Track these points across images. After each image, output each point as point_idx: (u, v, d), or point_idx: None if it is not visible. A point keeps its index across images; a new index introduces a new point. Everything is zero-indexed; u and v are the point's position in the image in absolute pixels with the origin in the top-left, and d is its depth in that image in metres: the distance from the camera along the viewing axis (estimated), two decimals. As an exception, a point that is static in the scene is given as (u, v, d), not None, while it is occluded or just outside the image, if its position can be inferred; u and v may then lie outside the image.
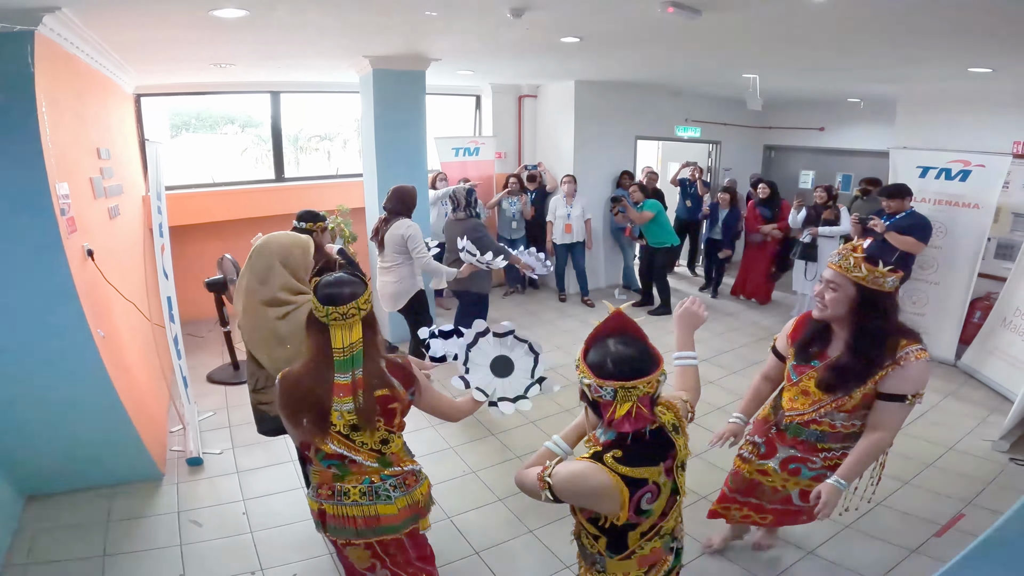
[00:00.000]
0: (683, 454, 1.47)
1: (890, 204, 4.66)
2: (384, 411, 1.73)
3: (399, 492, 1.79)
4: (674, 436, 1.45)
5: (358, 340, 1.68)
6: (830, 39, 3.49)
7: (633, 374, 1.30)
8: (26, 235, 2.57)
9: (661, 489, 1.41)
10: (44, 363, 2.72)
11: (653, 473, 1.38)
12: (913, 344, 1.88)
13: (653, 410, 1.36)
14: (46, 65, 2.61)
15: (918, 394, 1.88)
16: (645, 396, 1.31)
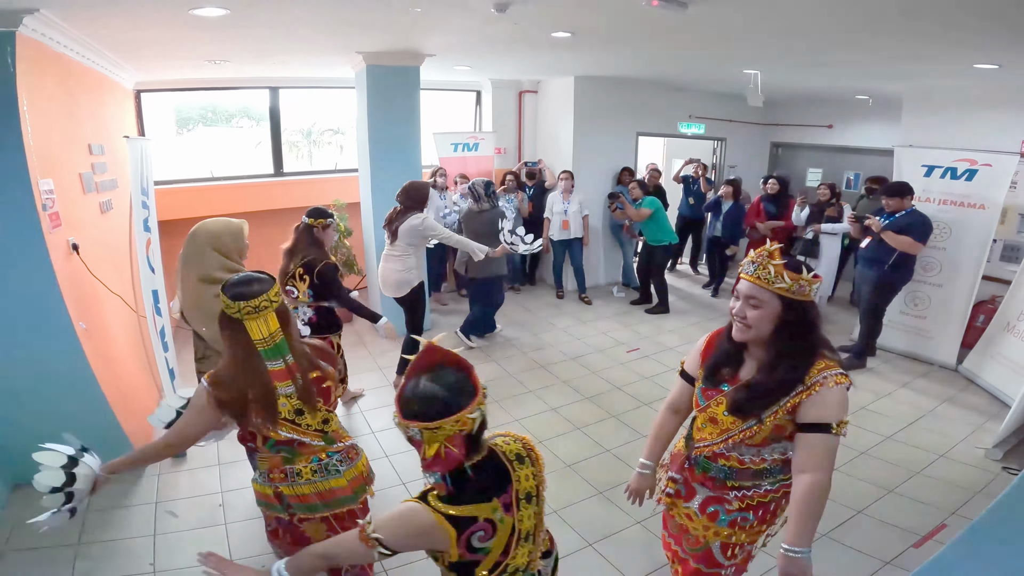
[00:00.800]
0: (526, 485, 1.42)
1: (889, 203, 4.57)
2: (320, 391, 1.87)
3: (346, 466, 1.93)
4: (516, 467, 1.41)
5: (277, 330, 1.77)
6: (822, 32, 3.41)
7: (438, 414, 1.25)
8: (7, 230, 2.63)
9: (497, 526, 1.35)
10: (25, 355, 2.79)
11: (484, 510, 1.33)
12: (831, 367, 1.62)
13: (471, 448, 1.31)
14: (30, 64, 2.67)
15: (843, 422, 1.58)
16: (456, 435, 1.26)
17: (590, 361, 4.98)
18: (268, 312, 1.75)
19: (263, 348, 1.76)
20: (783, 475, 1.77)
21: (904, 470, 3.43)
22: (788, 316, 1.64)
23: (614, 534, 2.89)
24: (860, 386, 4.57)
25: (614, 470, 3.41)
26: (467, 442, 1.30)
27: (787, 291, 1.62)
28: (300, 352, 1.84)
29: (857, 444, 3.70)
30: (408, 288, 4.14)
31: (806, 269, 1.65)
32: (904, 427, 3.96)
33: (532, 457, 1.48)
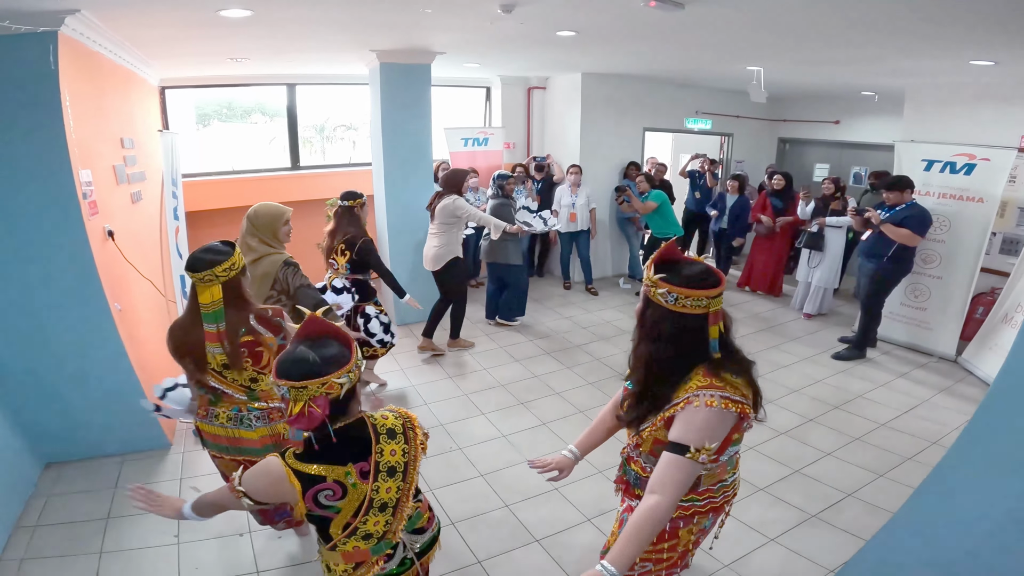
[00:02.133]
0: (390, 459, 1.51)
1: (889, 196, 4.68)
2: (251, 354, 2.13)
3: (261, 423, 2.20)
4: (384, 441, 1.51)
5: (219, 299, 2.02)
6: (818, 31, 3.53)
7: (304, 376, 1.36)
8: (51, 216, 2.86)
9: (348, 489, 1.46)
10: (64, 333, 3.01)
11: (336, 472, 1.44)
12: (713, 387, 1.47)
13: (335, 411, 1.44)
14: (70, 62, 2.87)
15: (704, 448, 1.44)
16: (321, 397, 1.37)
17: (594, 349, 5.13)
18: (214, 284, 2.01)
19: (204, 312, 2.02)
20: (690, 491, 1.64)
21: (896, 456, 3.54)
22: (658, 325, 1.54)
23: (612, 510, 3.00)
24: (858, 376, 4.69)
25: (614, 451, 3.54)
26: (331, 405, 1.42)
27: (651, 296, 1.54)
28: (237, 319, 2.08)
29: (851, 430, 3.82)
30: (442, 263, 4.64)
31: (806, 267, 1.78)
32: (899, 415, 4.07)
33: (409, 435, 1.56)
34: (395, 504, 1.55)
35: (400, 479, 1.54)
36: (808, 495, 3.14)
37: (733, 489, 1.78)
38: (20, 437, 3.06)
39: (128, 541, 2.73)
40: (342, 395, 1.43)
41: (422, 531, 1.73)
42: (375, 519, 1.52)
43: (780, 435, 3.77)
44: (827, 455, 3.55)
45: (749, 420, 1.56)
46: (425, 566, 1.78)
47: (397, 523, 1.56)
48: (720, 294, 1.50)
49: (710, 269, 1.54)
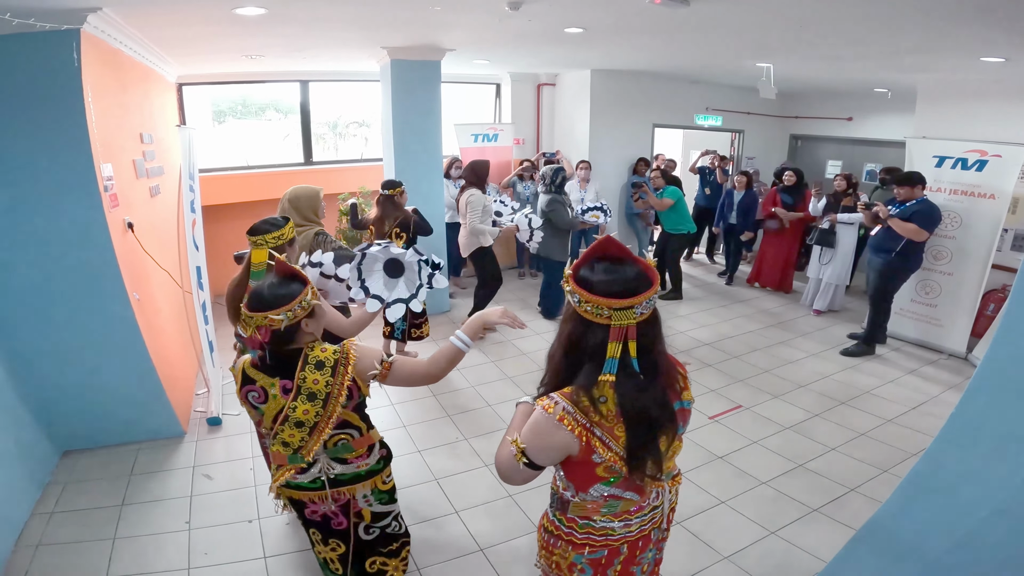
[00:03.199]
0: (311, 386, 1.73)
1: (900, 191, 4.68)
2: None
3: None
4: (310, 370, 1.74)
5: (263, 262, 2.30)
6: (827, 27, 3.53)
7: (254, 309, 1.69)
8: (74, 208, 2.96)
9: (269, 397, 1.76)
10: (84, 323, 3.11)
11: (264, 380, 1.76)
12: (566, 396, 1.33)
13: (276, 340, 1.72)
14: (92, 59, 2.97)
15: (516, 442, 1.37)
16: (265, 328, 1.69)
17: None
18: (264, 248, 2.34)
19: (253, 270, 2.31)
20: (559, 511, 1.51)
21: (901, 452, 3.53)
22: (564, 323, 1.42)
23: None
24: (866, 372, 4.68)
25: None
26: (273, 334, 1.71)
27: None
28: None
29: (857, 426, 3.83)
30: (469, 251, 4.97)
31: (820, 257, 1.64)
32: (906, 411, 4.06)
33: (339, 370, 1.76)
34: (312, 426, 1.76)
35: (320, 405, 1.75)
36: (811, 489, 3.17)
37: (605, 539, 1.46)
38: (39, 425, 3.16)
39: (141, 527, 2.81)
40: (283, 328, 1.70)
41: (345, 462, 1.91)
42: (291, 431, 1.76)
43: (785, 430, 3.79)
44: (831, 450, 3.56)
45: (601, 457, 1.33)
46: (343, 496, 1.95)
47: (312, 443, 1.78)
48: (630, 307, 1.25)
49: (637, 277, 1.29)
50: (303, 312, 1.73)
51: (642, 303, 1.26)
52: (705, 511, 3.00)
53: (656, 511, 1.49)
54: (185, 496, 3.04)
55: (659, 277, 1.38)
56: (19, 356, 3.05)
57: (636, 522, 1.46)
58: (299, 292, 1.73)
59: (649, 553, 1.55)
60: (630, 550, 1.49)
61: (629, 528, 1.46)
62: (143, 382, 3.31)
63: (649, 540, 1.52)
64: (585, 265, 1.34)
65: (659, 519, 1.51)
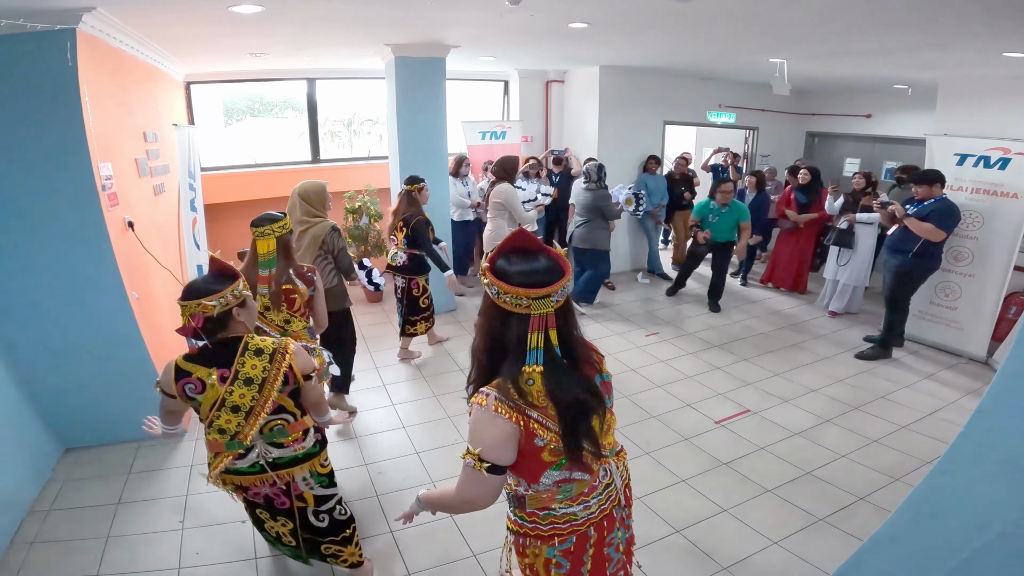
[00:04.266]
0: (249, 372, 1.85)
1: (918, 190, 4.53)
2: (287, 299, 2.66)
3: None
4: (249, 357, 1.86)
5: (272, 251, 2.57)
6: (838, 23, 3.42)
7: (185, 297, 1.81)
8: (71, 208, 2.97)
9: (207, 387, 1.84)
10: (84, 321, 3.12)
11: (200, 372, 1.84)
12: (495, 386, 1.35)
13: (208, 328, 1.83)
14: (90, 58, 2.98)
15: (471, 452, 1.37)
16: (198, 315, 1.79)
17: (607, 343, 5.10)
18: (270, 238, 2.55)
19: (260, 260, 2.57)
20: (518, 508, 1.53)
21: (915, 460, 3.41)
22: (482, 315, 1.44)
23: (613, 506, 3.02)
24: (883, 376, 4.55)
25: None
26: (207, 321, 1.81)
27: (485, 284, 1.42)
28: (282, 269, 2.63)
29: (870, 432, 3.71)
30: (491, 245, 4.97)
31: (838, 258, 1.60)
32: (922, 417, 3.93)
33: (276, 357, 1.90)
34: (248, 410, 1.87)
35: (256, 390, 1.87)
36: (818, 498, 3.07)
37: (570, 526, 1.48)
38: (40, 423, 3.18)
39: (135, 526, 2.80)
40: (215, 315, 1.82)
41: (281, 446, 2.01)
42: (227, 417, 1.86)
43: (793, 435, 3.69)
44: (841, 457, 3.45)
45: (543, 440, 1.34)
46: (283, 478, 2.06)
47: (248, 428, 1.88)
48: (547, 296, 1.29)
49: (549, 267, 1.33)
50: (235, 300, 1.87)
51: (558, 291, 1.31)
52: (706, 519, 2.92)
53: (610, 488, 1.53)
54: (181, 495, 3.04)
55: (570, 266, 1.38)
56: (20, 354, 3.08)
57: (595, 502, 1.49)
58: (231, 284, 1.88)
59: (618, 532, 1.57)
60: (598, 532, 1.51)
61: (590, 510, 1.49)
62: (143, 380, 3.28)
63: (613, 520, 1.55)
64: (501, 257, 1.37)
65: (616, 496, 1.55)
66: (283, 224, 2.60)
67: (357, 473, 3.28)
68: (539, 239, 1.41)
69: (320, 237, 3.36)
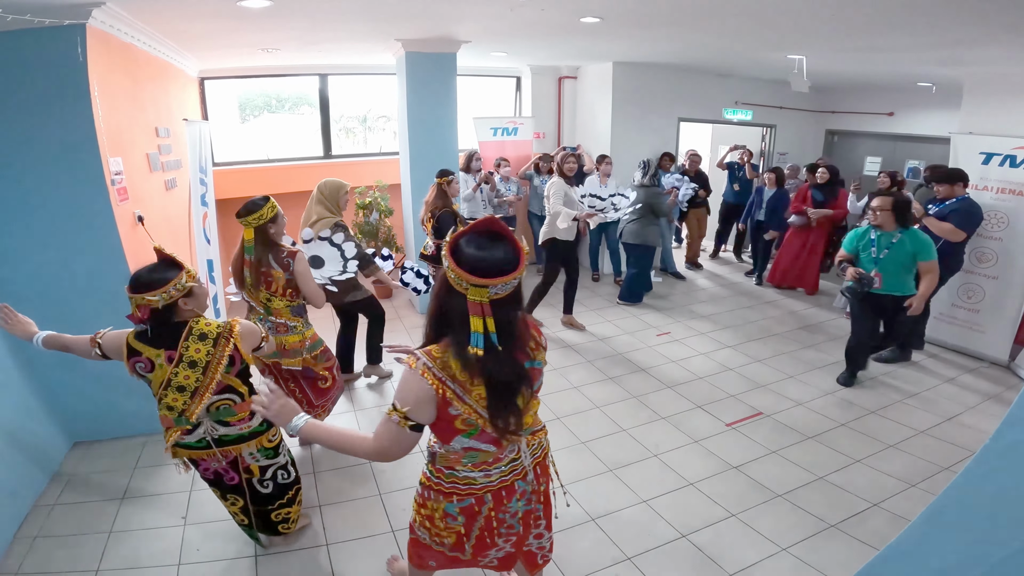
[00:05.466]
0: (193, 355, 1.97)
1: (939, 189, 4.42)
2: (265, 280, 2.88)
3: (272, 332, 2.93)
4: (193, 341, 1.97)
5: (251, 239, 2.84)
6: (860, 16, 3.32)
7: (133, 290, 1.92)
8: (81, 202, 2.99)
9: (156, 366, 1.97)
10: (93, 315, 3.07)
11: (149, 352, 1.97)
12: (427, 353, 1.45)
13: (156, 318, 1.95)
14: (100, 54, 2.99)
15: (396, 408, 1.45)
16: (144, 306, 1.91)
17: (618, 342, 5.04)
18: (249, 228, 2.82)
19: (245, 245, 2.87)
20: (431, 462, 1.70)
21: (932, 465, 3.32)
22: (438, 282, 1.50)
23: (617, 511, 2.95)
24: (901, 379, 4.44)
25: (627, 449, 3.48)
26: (152, 312, 1.94)
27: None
28: (261, 254, 2.86)
29: (886, 437, 3.62)
30: (545, 238, 4.96)
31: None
32: (940, 422, 3.83)
33: (220, 342, 2.00)
34: (192, 391, 1.99)
35: (200, 372, 1.98)
36: (830, 504, 2.99)
37: (469, 488, 1.62)
38: (49, 417, 3.21)
39: (138, 522, 2.81)
40: (160, 306, 1.93)
41: (228, 424, 2.14)
42: (174, 396, 1.99)
43: (807, 439, 3.60)
44: (856, 462, 3.37)
45: (457, 410, 1.44)
46: (230, 454, 2.20)
47: (194, 406, 2.00)
48: (484, 287, 1.33)
49: (502, 260, 1.35)
50: (178, 293, 1.96)
51: (497, 285, 1.34)
52: (713, 524, 2.86)
53: (516, 463, 1.65)
54: (185, 491, 3.04)
55: (524, 265, 1.39)
56: (30, 348, 3.07)
57: (496, 472, 1.62)
58: (174, 276, 1.95)
59: (518, 503, 1.69)
60: (495, 499, 1.64)
61: (490, 478, 1.62)
62: None
63: (513, 491, 1.66)
64: (467, 236, 1.41)
65: (521, 470, 1.66)
66: (259, 215, 2.80)
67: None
68: (510, 229, 1.43)
69: (321, 229, 3.61)
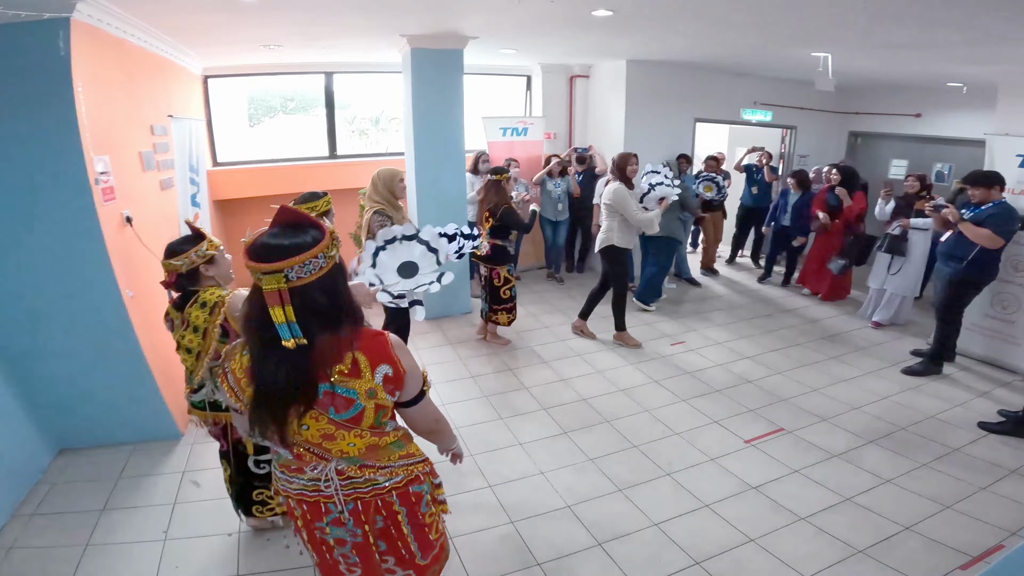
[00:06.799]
0: (194, 320, 2.17)
1: (975, 192, 4.14)
2: None
3: None
4: (194, 309, 2.17)
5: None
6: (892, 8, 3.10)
7: (167, 257, 2.20)
8: (63, 202, 2.86)
9: (174, 325, 2.26)
10: (77, 319, 3.01)
11: (174, 313, 2.26)
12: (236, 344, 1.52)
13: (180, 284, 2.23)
14: (86, 48, 2.86)
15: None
16: (172, 272, 2.20)
17: (630, 352, 4.82)
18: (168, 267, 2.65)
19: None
20: None
21: (968, 485, 3.09)
22: None
23: (626, 535, 2.74)
24: (931, 393, 4.18)
25: (638, 467, 3.27)
26: (179, 276, 2.21)
27: None
28: None
29: (918, 455, 3.38)
30: (601, 246, 4.79)
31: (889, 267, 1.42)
32: (976, 439, 3.57)
33: (215, 311, 2.16)
34: (196, 353, 2.21)
35: (200, 336, 2.18)
36: (857, 527, 2.77)
37: (277, 485, 1.58)
38: (33, 423, 3.09)
39: (116, 535, 2.68)
40: (184, 271, 2.20)
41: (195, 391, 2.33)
42: (184, 356, 2.26)
43: (832, 457, 3.37)
44: (886, 482, 3.13)
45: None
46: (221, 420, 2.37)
47: (199, 367, 2.22)
48: (271, 272, 1.25)
49: (289, 246, 1.28)
50: (200, 260, 2.19)
51: (292, 267, 1.26)
52: (730, 550, 2.63)
53: (317, 483, 1.48)
54: (168, 503, 2.90)
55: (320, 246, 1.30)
56: (13, 352, 2.99)
57: (296, 482, 1.51)
58: (196, 244, 2.20)
59: (332, 529, 1.53)
60: (302, 511, 1.53)
61: (291, 484, 1.52)
62: (137, 381, 3.21)
63: (320, 510, 1.51)
64: (270, 229, 1.35)
65: (328, 493, 1.49)
66: (314, 205, 2.96)
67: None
68: (309, 215, 1.36)
69: (367, 222, 3.62)
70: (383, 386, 1.39)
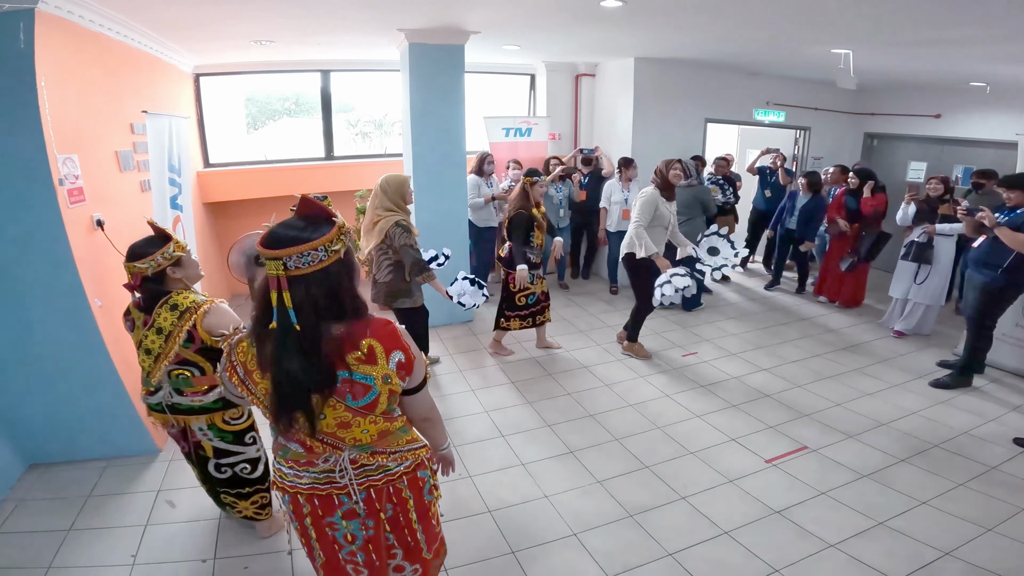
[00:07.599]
0: (160, 323, 2.11)
1: (1010, 196, 3.87)
2: None
3: None
4: (163, 311, 2.11)
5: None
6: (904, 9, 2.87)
7: (130, 259, 2.11)
8: (23, 204, 2.65)
9: (135, 327, 2.20)
10: (43, 329, 2.81)
11: (134, 314, 2.20)
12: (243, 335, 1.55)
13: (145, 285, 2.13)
14: (53, 42, 2.68)
15: None
16: (136, 274, 2.11)
17: (640, 364, 4.57)
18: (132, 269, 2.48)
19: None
20: None
21: (1009, 506, 2.86)
22: None
23: (637, 567, 2.49)
24: (962, 407, 3.92)
25: (650, 489, 3.02)
26: (143, 280, 2.12)
27: None
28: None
29: (953, 474, 3.14)
30: (623, 252, 4.50)
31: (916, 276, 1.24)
32: (1013, 456, 3.33)
33: (185, 315, 2.10)
34: (156, 355, 2.14)
35: (163, 339, 2.12)
36: (893, 554, 2.54)
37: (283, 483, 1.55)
38: (4, 436, 2.90)
39: (81, 557, 2.48)
40: (150, 274, 2.11)
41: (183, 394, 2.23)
42: (143, 357, 2.18)
43: (861, 478, 3.12)
44: (921, 504, 2.89)
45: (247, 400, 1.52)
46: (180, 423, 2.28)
47: (156, 370, 2.15)
48: (271, 259, 1.31)
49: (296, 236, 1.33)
50: (166, 262, 2.12)
51: (291, 256, 1.30)
52: (753, 585, 2.39)
53: (331, 474, 1.49)
54: (140, 524, 2.69)
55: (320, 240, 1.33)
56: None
57: (307, 476, 1.50)
58: (162, 247, 2.11)
59: (347, 523, 1.54)
60: (310, 505, 1.52)
61: (300, 479, 1.50)
62: (108, 395, 3.01)
63: (332, 504, 1.52)
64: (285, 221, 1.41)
65: (340, 484, 1.49)
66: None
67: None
68: (326, 207, 1.40)
69: (385, 230, 3.51)
70: (396, 372, 1.44)
